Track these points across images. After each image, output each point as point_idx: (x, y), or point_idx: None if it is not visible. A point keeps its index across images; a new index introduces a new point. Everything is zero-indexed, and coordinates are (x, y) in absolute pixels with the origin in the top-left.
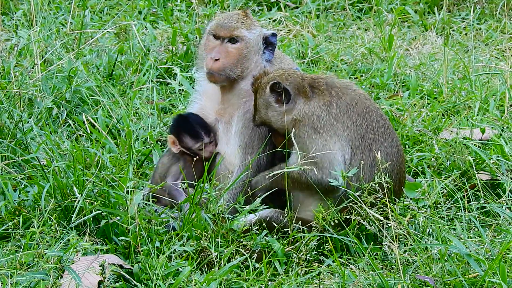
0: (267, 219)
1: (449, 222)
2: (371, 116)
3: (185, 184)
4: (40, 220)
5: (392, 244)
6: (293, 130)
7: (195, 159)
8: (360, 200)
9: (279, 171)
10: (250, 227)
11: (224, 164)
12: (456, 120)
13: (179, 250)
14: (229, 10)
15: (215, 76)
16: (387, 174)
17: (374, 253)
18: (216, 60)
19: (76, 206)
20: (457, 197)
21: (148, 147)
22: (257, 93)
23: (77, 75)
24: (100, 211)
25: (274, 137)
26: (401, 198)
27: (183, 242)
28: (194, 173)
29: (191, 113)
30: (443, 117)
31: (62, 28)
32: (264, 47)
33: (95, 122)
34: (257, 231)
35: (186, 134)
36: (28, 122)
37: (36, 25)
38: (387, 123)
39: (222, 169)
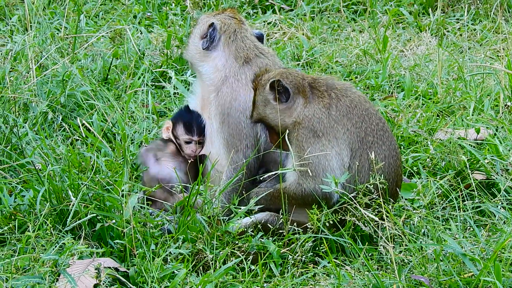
0: (262, 222)
1: (444, 222)
2: (371, 118)
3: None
4: (35, 224)
5: (388, 244)
6: (292, 133)
7: (189, 161)
8: (355, 201)
9: (266, 191)
10: (246, 229)
11: (212, 164)
12: (451, 121)
13: (174, 253)
14: None
15: None
16: (384, 177)
17: (370, 254)
18: None
19: (71, 209)
20: (452, 197)
21: None
22: (256, 90)
23: (71, 79)
24: (95, 215)
25: (270, 135)
26: (397, 199)
27: (179, 244)
28: (189, 174)
29: (197, 111)
30: (438, 117)
31: (57, 33)
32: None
33: (90, 126)
34: (253, 233)
35: (182, 122)
36: (23, 127)
37: (31, 29)
38: (385, 126)
39: (210, 169)
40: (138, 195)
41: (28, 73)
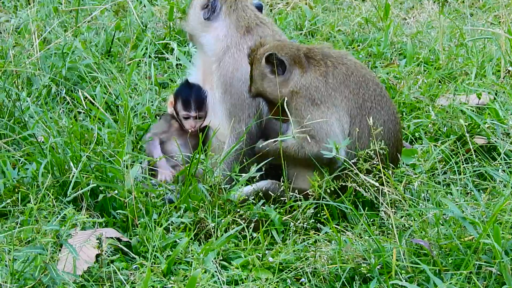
0: (264, 189)
1: (445, 187)
2: (368, 84)
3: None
4: (38, 196)
5: (388, 209)
6: (290, 102)
7: (189, 131)
8: (355, 167)
9: (274, 146)
10: (247, 197)
11: (215, 135)
12: (452, 87)
13: (176, 222)
14: None
15: None
16: (384, 142)
17: (371, 220)
18: None
19: (72, 180)
20: (452, 162)
21: (147, 122)
22: (253, 64)
23: (71, 51)
24: (97, 185)
25: (270, 108)
26: (398, 165)
27: (180, 214)
28: (189, 144)
29: (198, 85)
30: (439, 84)
31: (60, 7)
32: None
33: (93, 99)
34: (254, 201)
35: (180, 98)
36: (26, 101)
37: (34, 2)
38: (383, 91)
39: (213, 140)
40: (142, 165)
41: (31, 47)
